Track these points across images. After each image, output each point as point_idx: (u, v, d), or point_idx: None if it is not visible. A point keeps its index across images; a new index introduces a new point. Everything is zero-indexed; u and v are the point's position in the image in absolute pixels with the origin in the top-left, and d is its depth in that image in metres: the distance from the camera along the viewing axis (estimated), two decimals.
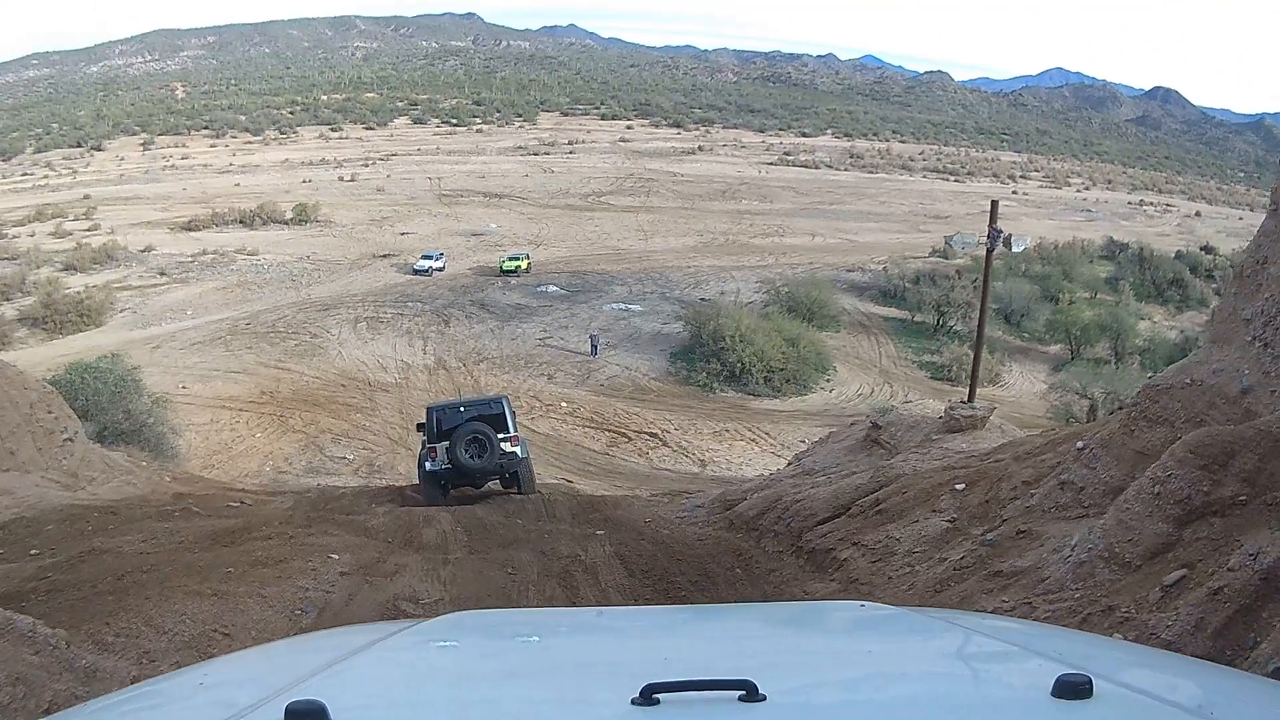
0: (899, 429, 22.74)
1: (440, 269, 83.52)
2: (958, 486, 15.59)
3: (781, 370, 58.35)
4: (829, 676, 3.31)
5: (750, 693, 2.58)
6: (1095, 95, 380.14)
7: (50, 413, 23.34)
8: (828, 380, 60.48)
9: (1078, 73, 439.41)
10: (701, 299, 72.88)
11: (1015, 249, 30.67)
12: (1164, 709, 2.78)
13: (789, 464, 27.26)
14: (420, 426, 27.61)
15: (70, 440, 23.42)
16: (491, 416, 26.51)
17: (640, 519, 21.94)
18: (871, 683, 3.20)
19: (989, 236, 26.59)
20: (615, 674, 3.21)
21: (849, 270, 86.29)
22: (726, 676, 2.64)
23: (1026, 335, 71.75)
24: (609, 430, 50.99)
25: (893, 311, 75.10)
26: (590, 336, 64.06)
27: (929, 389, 59.48)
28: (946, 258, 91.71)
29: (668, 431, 51.12)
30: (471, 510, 23.18)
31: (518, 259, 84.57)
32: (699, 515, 22.06)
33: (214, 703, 3.11)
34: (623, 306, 73.55)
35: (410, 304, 72.33)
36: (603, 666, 3.52)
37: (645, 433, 50.87)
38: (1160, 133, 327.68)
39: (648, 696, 2.55)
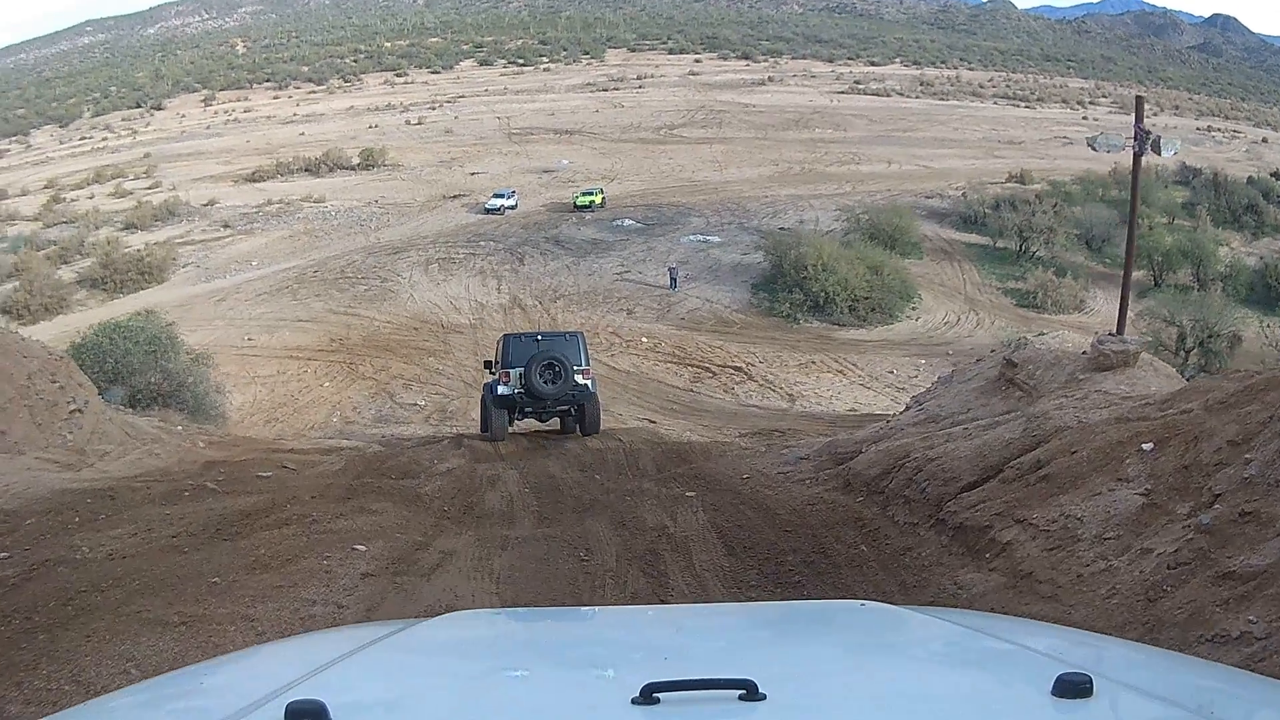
0: (1037, 367, 18.95)
1: (512, 207, 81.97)
2: (1145, 446, 11.82)
3: (866, 299, 56.43)
4: (829, 676, 3.28)
5: (750, 692, 2.56)
6: (1156, 23, 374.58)
7: (54, 383, 20.55)
8: (913, 308, 58.62)
9: (1138, 0, 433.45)
10: (781, 228, 70.88)
11: (1165, 154, 27.12)
12: (1164, 708, 2.77)
13: (906, 407, 23.37)
14: (487, 365, 27.87)
15: (78, 412, 20.57)
16: (567, 348, 26.49)
17: (736, 474, 18.72)
18: (871, 682, 3.18)
19: (1135, 138, 22.96)
20: (615, 673, 3.28)
21: (927, 197, 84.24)
22: (726, 676, 2.62)
23: (1108, 261, 69.30)
24: (692, 365, 49.12)
25: (974, 238, 73.35)
26: (669, 269, 62.39)
27: (1015, 316, 58.22)
28: (1024, 182, 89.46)
29: (752, 365, 49.19)
30: (544, 465, 20.42)
31: (591, 194, 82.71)
32: (804, 469, 18.51)
33: (214, 702, 3.06)
34: (701, 238, 71.81)
35: (483, 243, 70.83)
36: (602, 665, 3.49)
37: (729, 367, 48.93)
38: (1221, 60, 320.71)
39: (648, 695, 2.54)
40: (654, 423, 35.68)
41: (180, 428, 25.20)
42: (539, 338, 28.00)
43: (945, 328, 56.28)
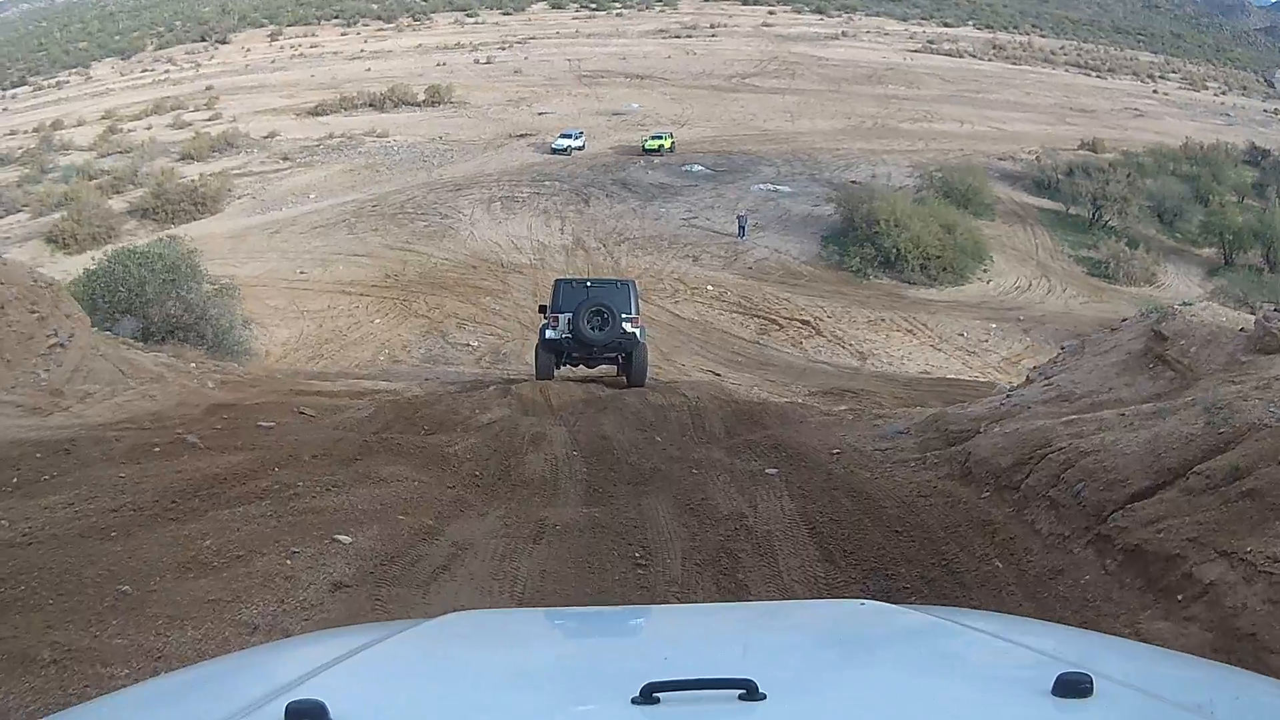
0: (1191, 343, 15.76)
1: (580, 148, 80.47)
2: None
3: (938, 258, 55.16)
4: (829, 675, 3.30)
5: (750, 692, 2.55)
6: (1225, 3, 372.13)
7: (33, 312, 18.04)
8: (984, 270, 57.24)
9: None
10: (852, 181, 69.96)
11: None
12: (1164, 708, 2.77)
13: (1028, 380, 20.34)
14: (542, 309, 27.44)
15: (60, 346, 18.07)
16: (616, 296, 26.64)
17: (824, 447, 15.65)
18: (871, 682, 3.21)
19: None
20: (615, 673, 3.17)
21: (1000, 159, 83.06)
22: (726, 675, 2.61)
23: (1179, 236, 68.80)
24: (758, 316, 47.86)
25: (1046, 203, 72.12)
26: (738, 217, 60.72)
27: (1087, 285, 57.27)
28: (1095, 151, 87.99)
29: (820, 319, 47.99)
30: (598, 422, 17.92)
31: (661, 138, 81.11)
32: (907, 447, 15.51)
33: (214, 702, 3.00)
34: (771, 187, 70.27)
35: (548, 183, 69.53)
36: (603, 665, 3.51)
37: (797, 320, 47.70)
38: None
39: (648, 695, 2.53)
40: (719, 375, 34.53)
41: (194, 365, 22.83)
42: (589, 284, 28.03)
43: (1016, 292, 55.14)
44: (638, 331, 26.49)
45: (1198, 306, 17.99)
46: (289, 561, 9.17)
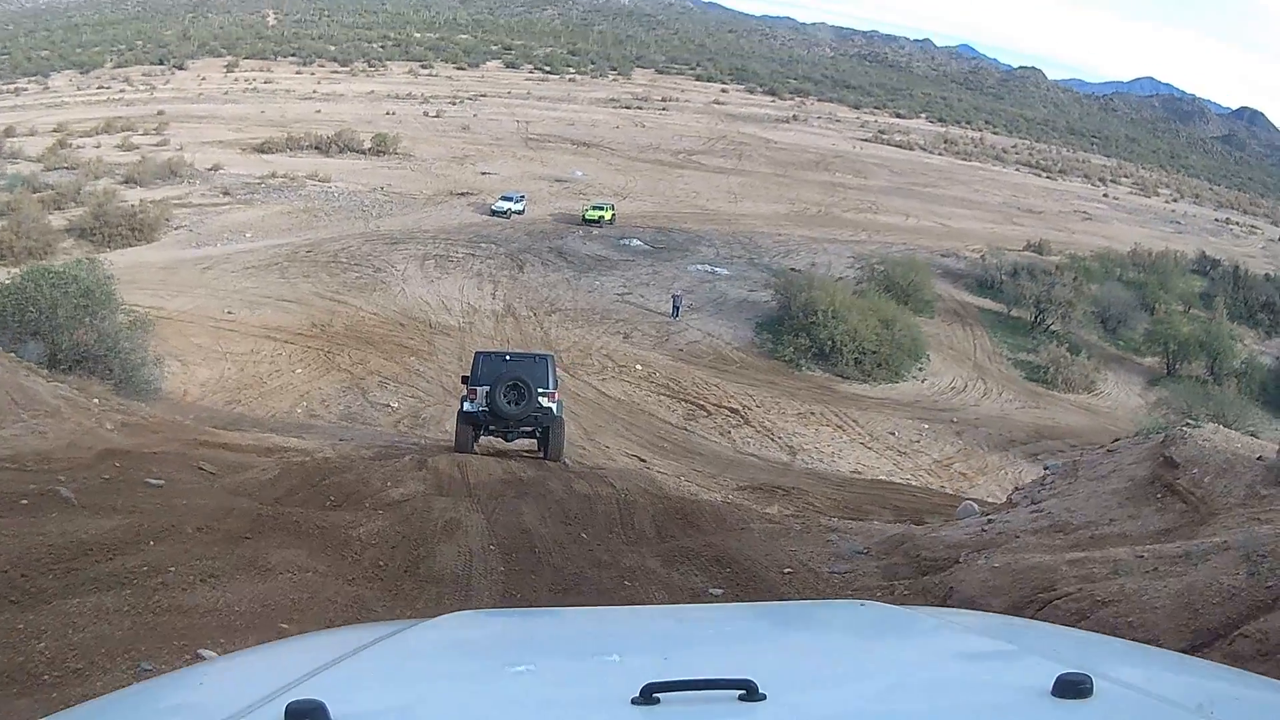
0: (1204, 472, 14.42)
1: (520, 212, 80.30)
2: None
3: (874, 353, 54.66)
4: (829, 676, 3.33)
5: (750, 692, 2.61)
6: (1184, 109, 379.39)
7: None
8: (920, 369, 56.83)
9: (1168, 84, 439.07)
10: (792, 269, 69.15)
11: None
12: (1164, 708, 2.81)
13: (1011, 502, 18.91)
14: (465, 380, 27.46)
15: None
16: (534, 371, 27.06)
17: (772, 563, 14.97)
18: (871, 682, 3.25)
19: None
20: (615, 673, 3.24)
21: (943, 255, 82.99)
22: (726, 676, 2.67)
23: (1122, 343, 68.58)
24: (686, 401, 47.17)
25: (988, 303, 71.65)
26: (673, 296, 60.18)
27: (1024, 390, 56.83)
28: (1041, 252, 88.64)
29: (749, 409, 47.28)
30: (516, 512, 17.08)
31: (602, 209, 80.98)
32: (869, 572, 14.73)
33: (214, 702, 3.05)
34: (709, 268, 69.83)
35: (484, 245, 68.88)
36: (603, 665, 3.50)
37: (726, 407, 46.99)
38: (1244, 153, 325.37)
39: (648, 696, 2.58)
40: (644, 461, 33.94)
41: (97, 401, 22.05)
42: (508, 357, 28.74)
43: (951, 393, 54.71)
44: (555, 406, 26.78)
45: (1207, 429, 16.37)
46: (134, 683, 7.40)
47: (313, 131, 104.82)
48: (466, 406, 26.64)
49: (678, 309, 58.98)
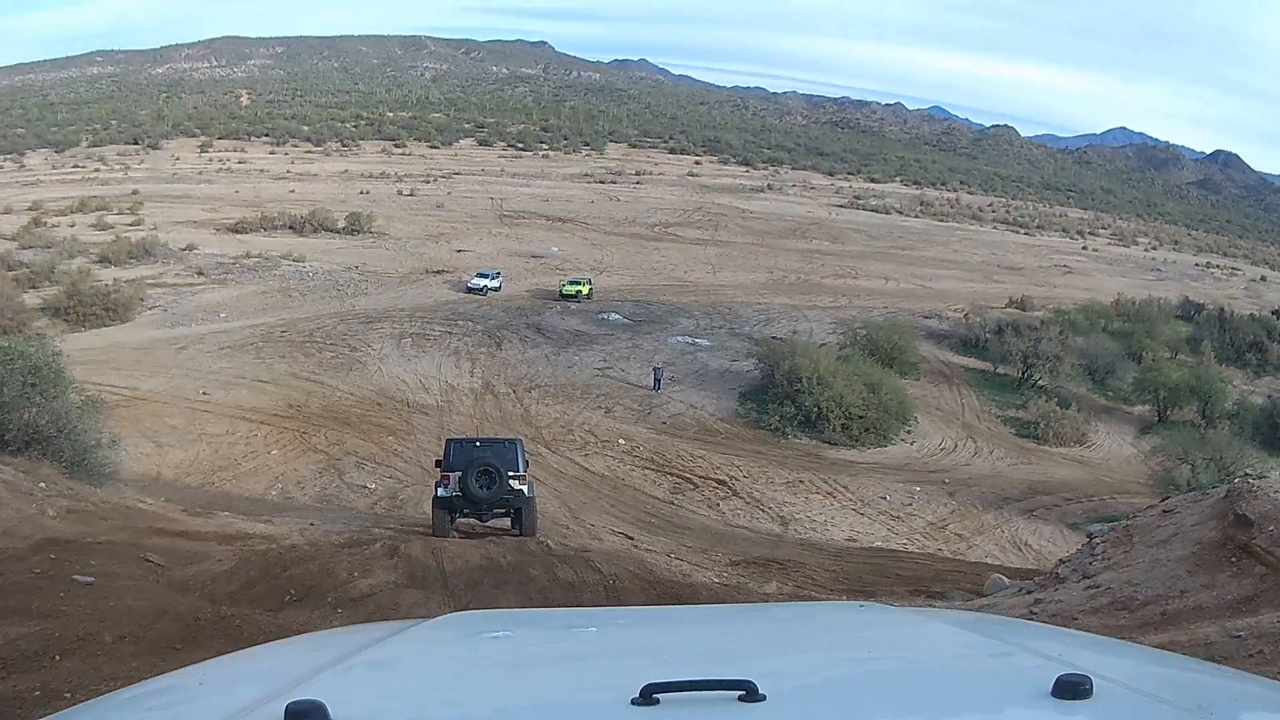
0: None
1: (496, 289, 79.93)
2: None
3: (861, 418, 54.07)
4: (829, 676, 3.37)
5: (750, 693, 2.61)
6: (1158, 156, 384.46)
7: None
8: (908, 431, 56.24)
9: (1141, 133, 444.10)
10: (774, 337, 68.73)
11: None
12: (1164, 709, 2.81)
13: (1058, 576, 16.94)
14: (438, 463, 28.90)
15: None
16: (504, 455, 28.33)
17: None
18: (871, 683, 3.25)
19: None
20: (615, 674, 3.19)
21: (925, 316, 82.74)
22: (726, 676, 2.68)
23: (1110, 394, 68.58)
24: (672, 474, 46.41)
25: (973, 362, 71.27)
26: (654, 369, 59.74)
27: (1015, 446, 56.30)
28: (1024, 308, 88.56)
29: (736, 479, 46.60)
30: (493, 606, 15.99)
31: (579, 283, 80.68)
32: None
33: (214, 703, 3.11)
34: (689, 340, 69.29)
35: (461, 323, 68.29)
36: (603, 666, 3.53)
37: (712, 479, 46.26)
38: (1221, 196, 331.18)
39: (648, 696, 2.58)
40: (632, 540, 33.08)
41: (44, 485, 20.68)
42: (478, 444, 29.92)
43: (941, 454, 54.22)
44: (525, 488, 27.93)
45: (1274, 478, 15.12)
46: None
47: (287, 211, 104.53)
48: (441, 492, 27.70)
49: (659, 381, 58.49)
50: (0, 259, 75.94)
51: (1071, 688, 2.62)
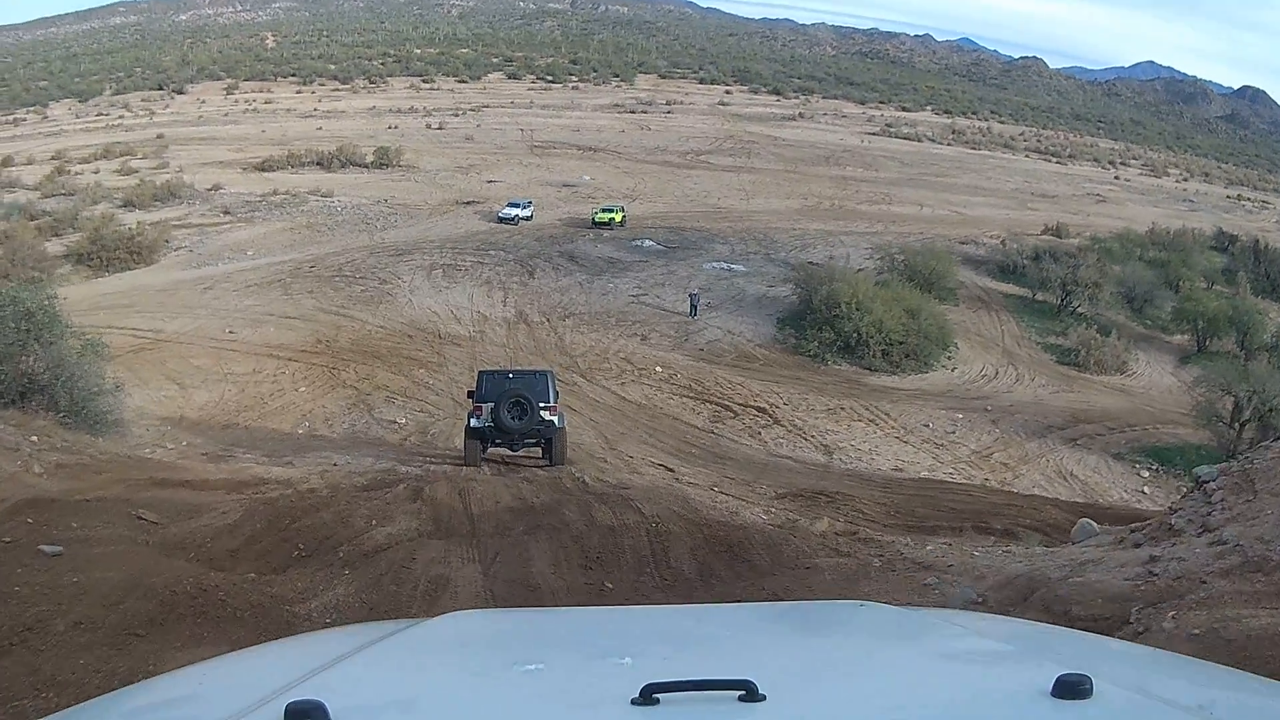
0: None
1: (527, 218, 79.16)
2: None
3: (901, 344, 52.76)
4: (829, 676, 3.35)
5: (750, 693, 2.62)
6: (1186, 91, 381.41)
7: None
8: (949, 358, 54.91)
9: (1169, 68, 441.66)
10: (811, 262, 67.71)
11: None
12: (1164, 709, 2.82)
13: (1171, 526, 14.10)
14: (471, 394, 29.36)
15: None
16: (535, 386, 28.86)
17: None
18: (871, 682, 3.27)
19: None
20: (615, 673, 3.20)
21: (962, 243, 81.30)
22: (726, 676, 2.69)
23: (1149, 323, 67.19)
24: (711, 402, 45.18)
25: (1011, 288, 70.15)
26: (689, 296, 58.47)
27: (1056, 374, 54.88)
28: (1059, 236, 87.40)
29: (777, 407, 45.24)
30: (523, 557, 14.93)
31: (611, 211, 79.61)
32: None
33: (214, 702, 3.10)
34: (725, 266, 68.20)
35: (492, 252, 67.40)
36: (603, 666, 3.50)
37: (752, 407, 44.91)
38: (1249, 131, 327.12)
39: (648, 696, 2.59)
40: (673, 472, 31.92)
41: (35, 439, 19.46)
42: (510, 375, 30.54)
43: (983, 380, 52.76)
44: (556, 419, 28.75)
45: None
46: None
47: (314, 148, 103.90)
48: (473, 422, 28.48)
49: (695, 308, 57.48)
50: (23, 209, 75.53)
51: (1071, 688, 2.61)
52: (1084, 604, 11.12)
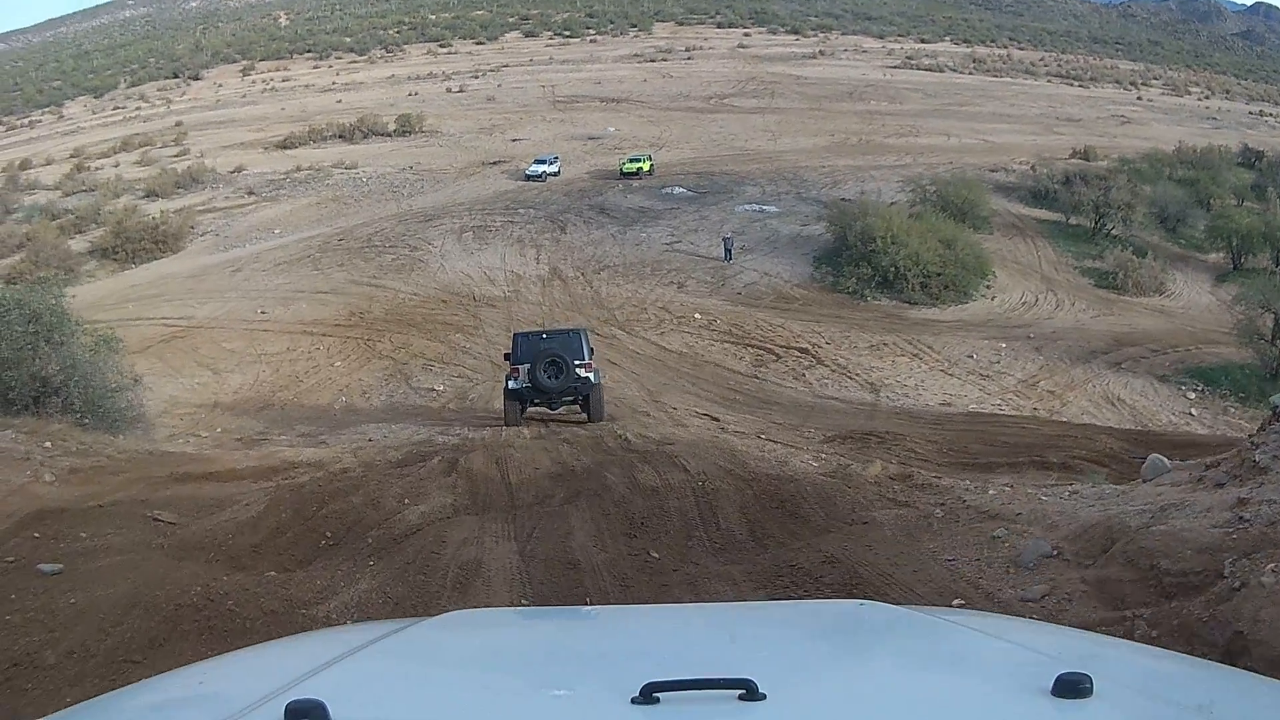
0: None
1: (555, 173, 78.55)
2: None
3: (938, 275, 52.17)
4: (829, 676, 3.34)
5: (750, 692, 2.58)
6: (1200, 9, 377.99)
7: None
8: (987, 287, 54.20)
9: None
10: (842, 199, 66.75)
11: None
12: (1164, 708, 2.80)
13: (1254, 464, 11.73)
14: (507, 357, 30.39)
15: None
16: (569, 345, 29.84)
17: (927, 587, 10.87)
18: (871, 682, 3.24)
19: None
20: (615, 673, 3.10)
21: (991, 170, 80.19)
22: (726, 675, 2.65)
23: (1183, 242, 66.26)
24: (752, 346, 44.59)
25: (1044, 213, 69.19)
26: (723, 240, 57.92)
27: (1096, 298, 54.10)
28: (1088, 159, 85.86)
29: (819, 346, 44.68)
30: (563, 530, 13.73)
31: (639, 160, 78.84)
32: (1081, 598, 10.05)
33: (214, 702, 3.07)
34: (757, 208, 67.51)
35: (522, 210, 66.92)
36: (603, 665, 3.48)
37: (795, 348, 44.30)
38: (1265, 47, 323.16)
39: (647, 695, 2.55)
40: (717, 421, 31.64)
41: (49, 444, 18.66)
42: (544, 336, 31.33)
43: (1023, 308, 52.10)
44: (591, 375, 29.57)
45: None
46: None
47: (335, 121, 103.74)
48: (511, 384, 29.46)
49: (729, 252, 56.90)
50: (43, 209, 75.81)
51: (1072, 686, 2.57)
52: (1171, 557, 9.80)
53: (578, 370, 29.04)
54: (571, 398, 29.91)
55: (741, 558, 12.48)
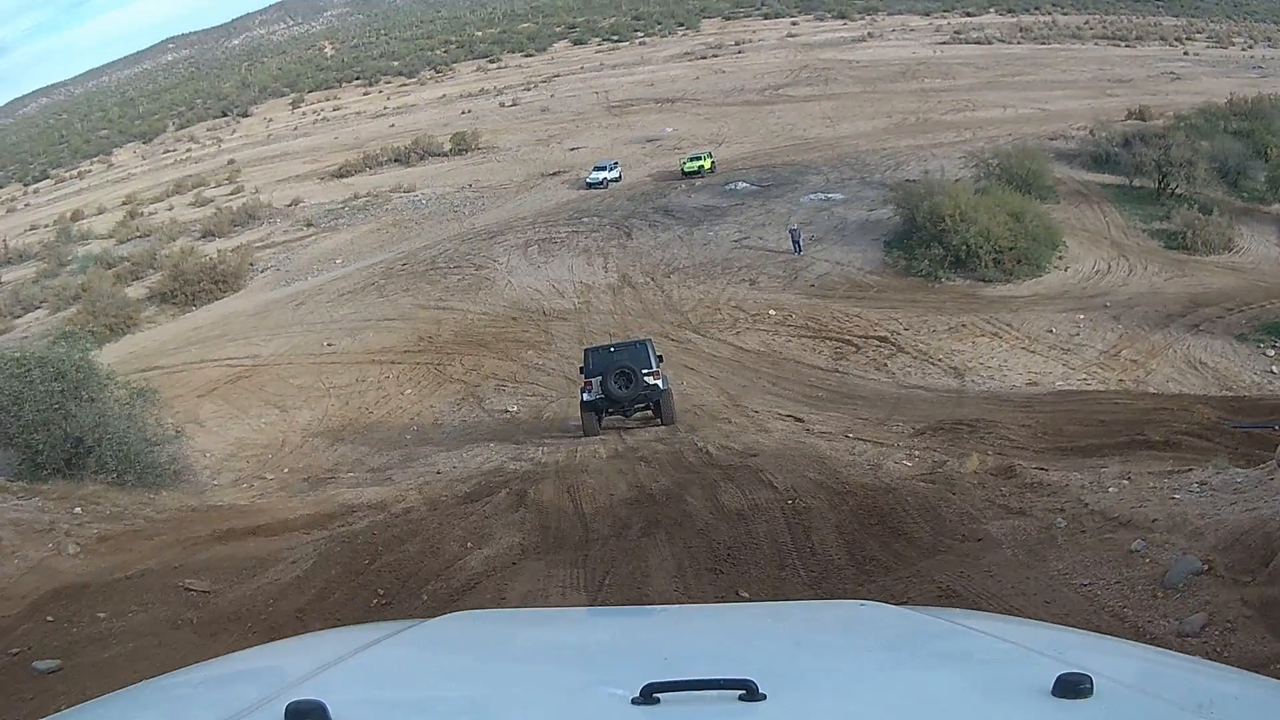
0: None
1: (616, 179, 77.96)
2: None
3: (1010, 250, 51.28)
4: (829, 676, 3.30)
5: (750, 692, 2.61)
6: None
7: None
8: (1059, 257, 53.25)
9: None
10: (906, 180, 65.67)
11: None
12: (1164, 708, 2.80)
13: None
14: (582, 370, 31.79)
15: None
16: (637, 355, 31.40)
17: (1063, 619, 9.27)
18: (871, 682, 3.26)
19: None
20: (615, 673, 3.20)
21: (1050, 138, 79.27)
22: (726, 676, 2.68)
23: (1246, 195, 65.12)
24: (830, 339, 43.84)
25: (1107, 177, 67.97)
26: (790, 232, 57.08)
27: (1167, 260, 53.07)
28: (1144, 118, 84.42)
29: (898, 334, 43.94)
30: (640, 570, 12.87)
31: (699, 159, 78.18)
32: (1247, 626, 8.65)
33: (214, 702, 3.13)
34: (822, 196, 66.63)
35: (586, 219, 66.31)
36: (603, 666, 3.56)
37: (873, 338, 43.55)
38: None
39: (648, 695, 2.59)
40: (802, 422, 30.57)
41: (79, 510, 17.65)
42: (612, 349, 32.65)
43: (1097, 277, 51.07)
44: (660, 382, 31.16)
45: None
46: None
47: (390, 145, 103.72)
48: (586, 396, 31.04)
49: (799, 243, 56.02)
50: (98, 259, 76.14)
51: (1072, 687, 2.60)
52: None
53: (646, 379, 30.73)
54: (643, 404, 31.48)
55: (842, 589, 11.44)
